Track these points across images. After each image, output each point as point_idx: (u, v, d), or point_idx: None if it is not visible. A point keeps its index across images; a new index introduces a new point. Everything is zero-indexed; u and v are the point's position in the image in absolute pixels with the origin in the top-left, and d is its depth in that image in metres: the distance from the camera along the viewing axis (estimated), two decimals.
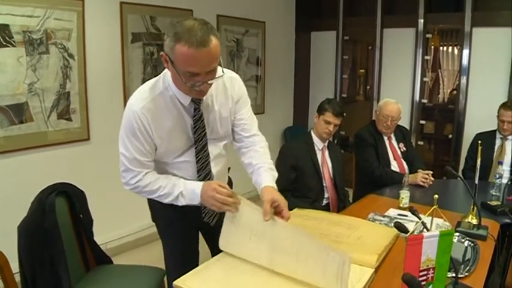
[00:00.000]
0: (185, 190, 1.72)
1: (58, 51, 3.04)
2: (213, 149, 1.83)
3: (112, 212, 3.50)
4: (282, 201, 1.66)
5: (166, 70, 1.66)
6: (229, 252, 1.70)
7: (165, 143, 1.71)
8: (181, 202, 1.74)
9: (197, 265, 1.78)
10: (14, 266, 1.84)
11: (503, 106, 3.46)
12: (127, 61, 3.52)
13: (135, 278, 2.27)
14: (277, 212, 1.64)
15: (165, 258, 2.03)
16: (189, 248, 2.00)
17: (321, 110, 2.84)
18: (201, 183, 1.71)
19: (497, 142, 3.49)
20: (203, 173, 1.82)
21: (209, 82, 1.56)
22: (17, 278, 1.88)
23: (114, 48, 3.43)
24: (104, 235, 3.27)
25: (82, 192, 2.32)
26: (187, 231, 1.97)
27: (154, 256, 3.54)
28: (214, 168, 1.86)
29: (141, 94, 1.67)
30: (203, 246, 2.09)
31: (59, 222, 2.02)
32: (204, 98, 1.70)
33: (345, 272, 1.38)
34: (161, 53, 1.54)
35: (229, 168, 2.08)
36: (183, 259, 1.94)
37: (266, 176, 1.81)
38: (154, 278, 2.28)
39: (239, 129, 1.91)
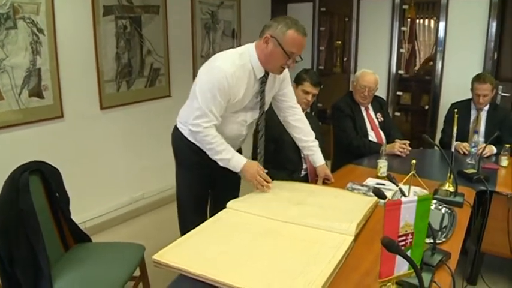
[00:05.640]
0: (233, 158, 2.13)
1: (26, 26, 2.92)
2: (254, 115, 2.27)
3: (89, 191, 3.46)
4: (330, 174, 2.45)
5: (248, 47, 2.12)
6: (236, 208, 1.97)
7: (233, 102, 2.09)
8: (222, 163, 2.14)
9: (206, 214, 2.41)
10: None
11: (477, 80, 3.37)
12: (99, 35, 3.41)
13: (114, 255, 2.26)
14: (326, 180, 2.44)
15: (178, 206, 2.42)
16: (202, 193, 2.41)
17: (298, 80, 2.82)
18: (245, 159, 2.16)
19: (473, 113, 3.47)
20: (261, 133, 2.36)
21: (293, 62, 2.10)
22: None
23: (85, 22, 3.31)
24: (81, 214, 3.23)
25: (56, 170, 2.27)
26: (204, 178, 2.34)
27: (133, 233, 3.56)
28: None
29: (232, 60, 2.05)
30: None
31: (34, 201, 1.98)
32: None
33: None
34: (266, 35, 2.01)
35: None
36: (195, 203, 2.37)
37: (319, 155, 2.46)
38: (134, 254, 2.27)
39: (282, 97, 2.39)
